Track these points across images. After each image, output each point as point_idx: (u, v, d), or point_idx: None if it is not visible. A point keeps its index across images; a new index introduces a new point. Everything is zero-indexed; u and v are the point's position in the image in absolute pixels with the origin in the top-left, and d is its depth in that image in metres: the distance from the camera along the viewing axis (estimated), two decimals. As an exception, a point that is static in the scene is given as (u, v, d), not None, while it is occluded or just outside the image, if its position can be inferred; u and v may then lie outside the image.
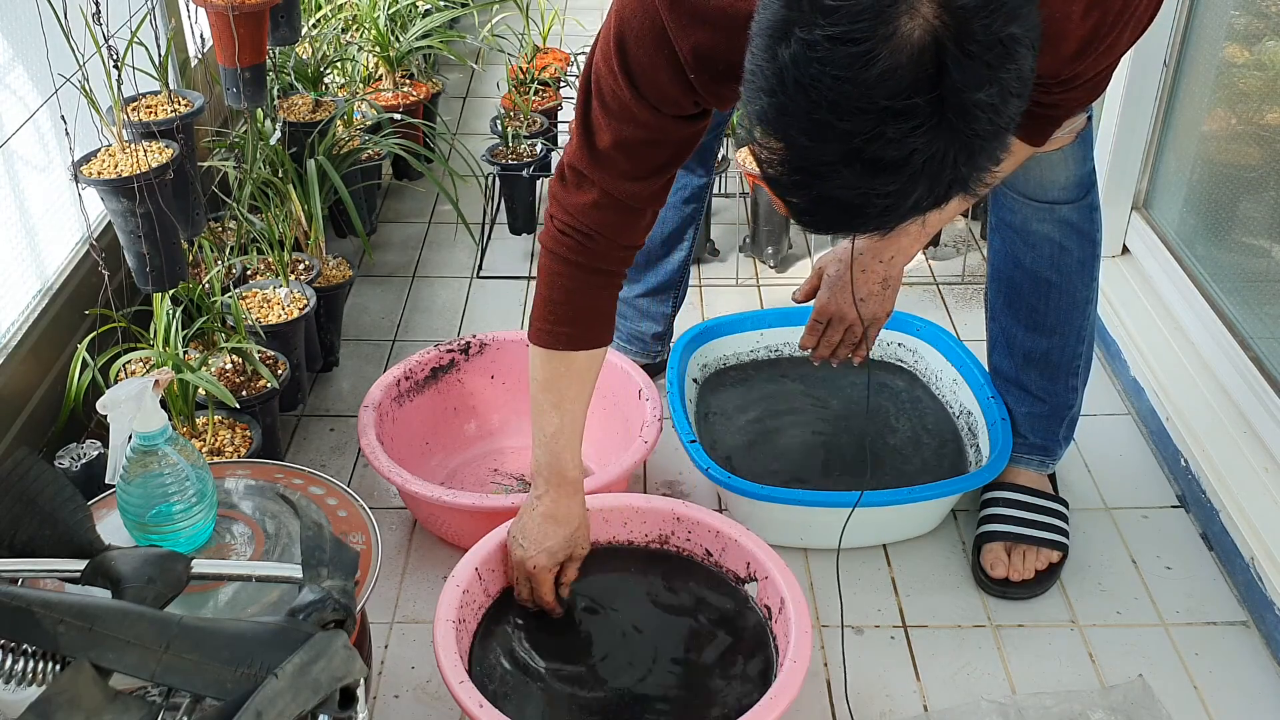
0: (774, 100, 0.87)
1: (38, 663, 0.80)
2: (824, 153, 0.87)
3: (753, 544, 1.52)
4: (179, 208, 1.67)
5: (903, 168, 0.86)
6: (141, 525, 1.18)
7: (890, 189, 0.88)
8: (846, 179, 0.88)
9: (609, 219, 1.32)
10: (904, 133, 0.84)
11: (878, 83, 0.83)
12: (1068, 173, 1.56)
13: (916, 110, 0.84)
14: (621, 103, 1.22)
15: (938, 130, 0.85)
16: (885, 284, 1.51)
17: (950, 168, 0.87)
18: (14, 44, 1.70)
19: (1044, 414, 1.74)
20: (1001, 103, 0.86)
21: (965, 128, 0.85)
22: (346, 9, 2.79)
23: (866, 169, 0.87)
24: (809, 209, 0.94)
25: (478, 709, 1.28)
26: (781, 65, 0.86)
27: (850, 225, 0.96)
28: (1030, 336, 1.70)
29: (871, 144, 0.85)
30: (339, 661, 0.83)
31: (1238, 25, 1.97)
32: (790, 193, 0.93)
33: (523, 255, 2.53)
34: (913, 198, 0.89)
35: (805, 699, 1.50)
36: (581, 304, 1.38)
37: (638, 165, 1.28)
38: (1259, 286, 1.90)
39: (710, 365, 2.01)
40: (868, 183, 0.88)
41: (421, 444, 1.87)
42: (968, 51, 0.83)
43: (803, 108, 0.86)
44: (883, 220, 0.93)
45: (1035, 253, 1.63)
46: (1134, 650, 1.59)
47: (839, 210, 0.92)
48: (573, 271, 1.36)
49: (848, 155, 0.86)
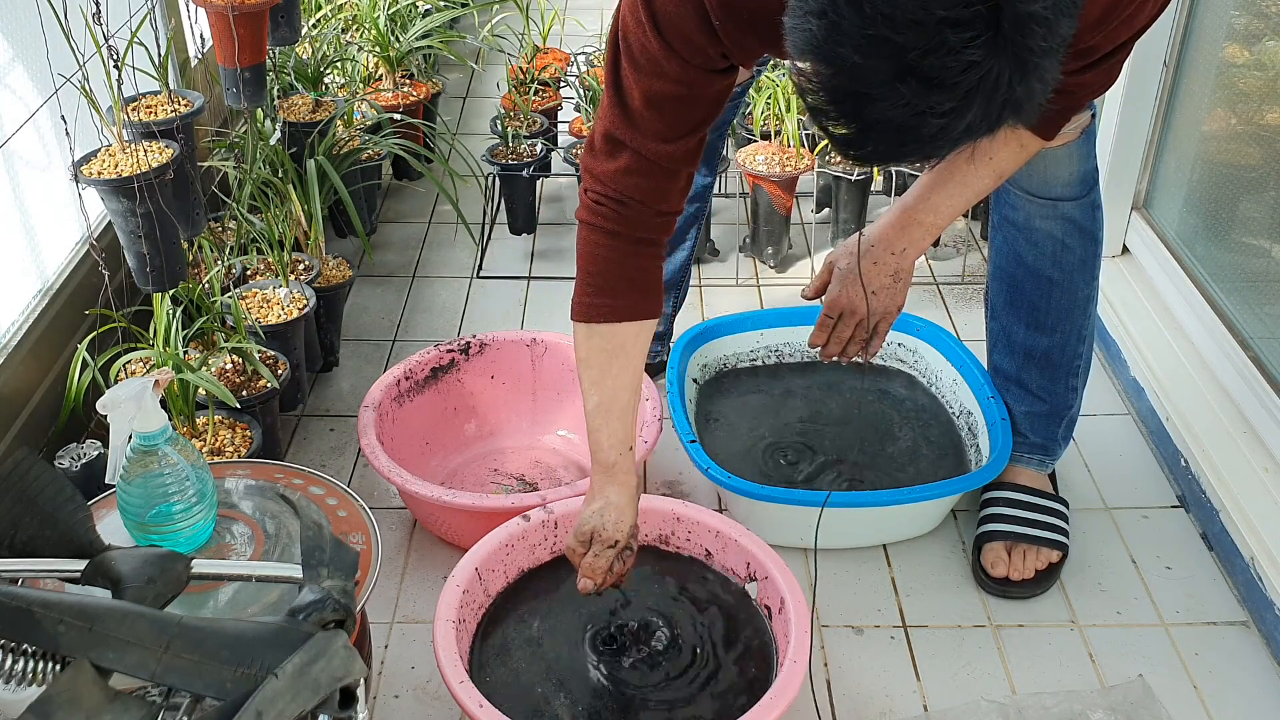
0: (824, 21, 0.86)
1: (38, 663, 0.80)
2: (878, 70, 0.86)
3: (753, 544, 1.52)
4: (179, 208, 1.67)
5: (959, 83, 0.85)
6: (141, 525, 1.18)
7: (946, 107, 0.87)
8: (901, 97, 0.86)
9: (643, 183, 1.30)
10: (961, 44, 0.83)
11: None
12: (1071, 169, 1.56)
13: (974, 20, 0.83)
14: (650, 55, 1.20)
15: (994, 43, 0.84)
16: (896, 277, 1.50)
17: (1005, 87, 0.86)
18: (14, 44, 1.70)
19: (1043, 413, 1.74)
20: (1055, 17, 0.85)
21: (1020, 42, 0.85)
22: (346, 9, 2.79)
23: (922, 85, 0.85)
24: (858, 137, 0.92)
25: (478, 709, 1.28)
26: None
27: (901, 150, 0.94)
28: (1031, 334, 1.70)
29: (928, 57, 0.84)
30: (339, 661, 0.83)
31: (1238, 25, 1.97)
32: (839, 120, 0.91)
33: (523, 255, 2.53)
34: (967, 118, 0.88)
35: (805, 699, 1.50)
36: (621, 273, 1.35)
37: (669, 124, 1.26)
38: (1259, 286, 1.90)
39: (710, 365, 2.01)
40: (923, 100, 0.86)
41: (421, 444, 1.86)
42: None
43: (856, 24, 0.85)
44: (936, 143, 0.91)
45: (1037, 250, 1.63)
46: (1134, 650, 1.59)
47: (891, 134, 0.90)
48: (610, 241, 1.33)
49: (902, 71, 0.85)
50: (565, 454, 1.92)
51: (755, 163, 2.32)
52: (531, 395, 1.96)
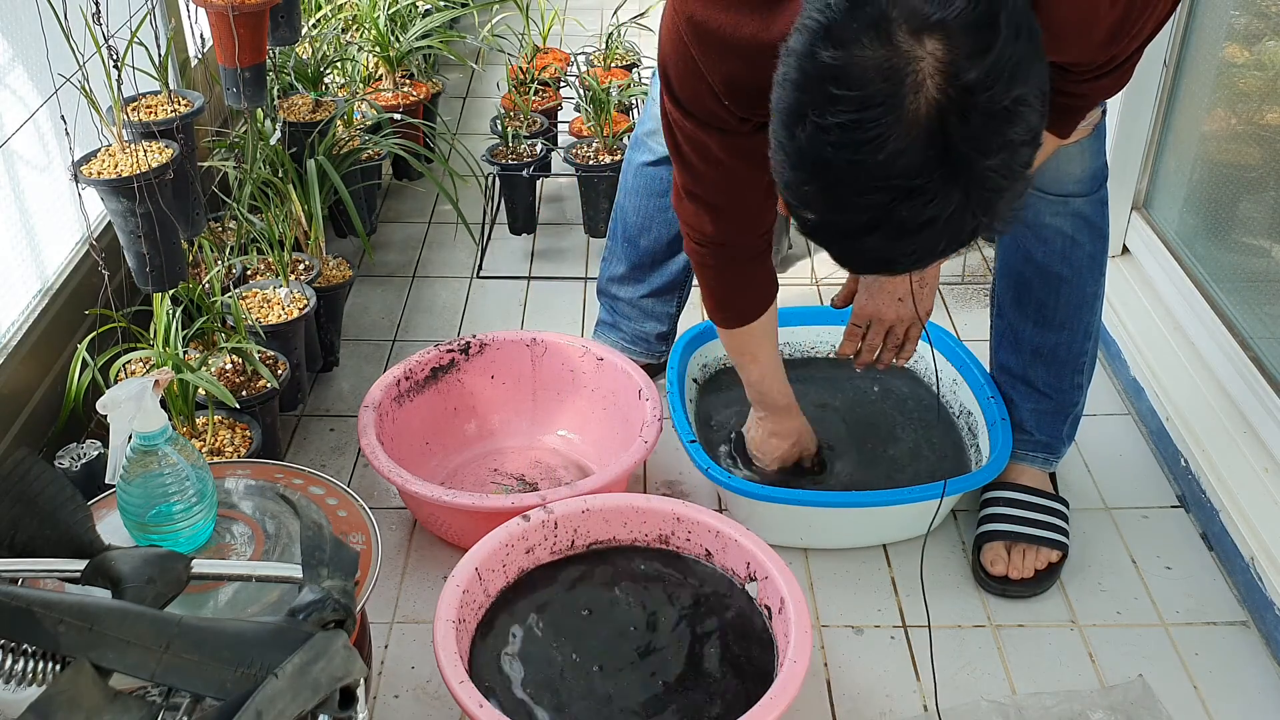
0: (797, 174, 0.93)
1: (38, 663, 0.80)
2: (849, 222, 0.93)
3: (753, 544, 1.52)
4: (179, 208, 1.67)
5: (925, 231, 0.91)
6: (141, 525, 1.18)
7: (915, 247, 0.94)
8: (874, 242, 0.94)
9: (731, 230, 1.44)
10: (921, 205, 0.89)
11: (889, 163, 0.87)
12: (1084, 165, 1.57)
13: (929, 185, 0.88)
14: (686, 133, 1.30)
15: (952, 196, 0.89)
16: (922, 282, 1.53)
17: (971, 219, 0.92)
18: (14, 44, 1.70)
19: (1049, 410, 1.74)
20: (1011, 158, 0.90)
21: (979, 189, 0.90)
22: (346, 9, 2.79)
23: (891, 234, 0.92)
24: (843, 260, 1.03)
25: (478, 709, 1.28)
26: (800, 145, 0.91)
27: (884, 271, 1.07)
28: (1039, 332, 1.69)
29: (893, 214, 0.90)
30: (339, 661, 0.83)
31: (1238, 25, 1.97)
32: (824, 246, 1.01)
33: (523, 255, 2.53)
34: (939, 249, 0.94)
35: (805, 699, 1.50)
36: (737, 286, 1.54)
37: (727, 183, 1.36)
38: (1259, 286, 1.90)
39: (710, 365, 2.00)
40: (893, 245, 0.93)
41: (421, 444, 1.87)
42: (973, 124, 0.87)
43: (823, 184, 0.91)
44: (914, 267, 0.99)
45: (1046, 247, 1.63)
46: (1134, 650, 1.59)
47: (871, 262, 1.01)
48: (719, 268, 1.51)
49: (871, 224, 0.92)
50: (565, 454, 1.92)
51: (755, 163, 2.32)
52: (531, 395, 1.96)
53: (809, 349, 2.04)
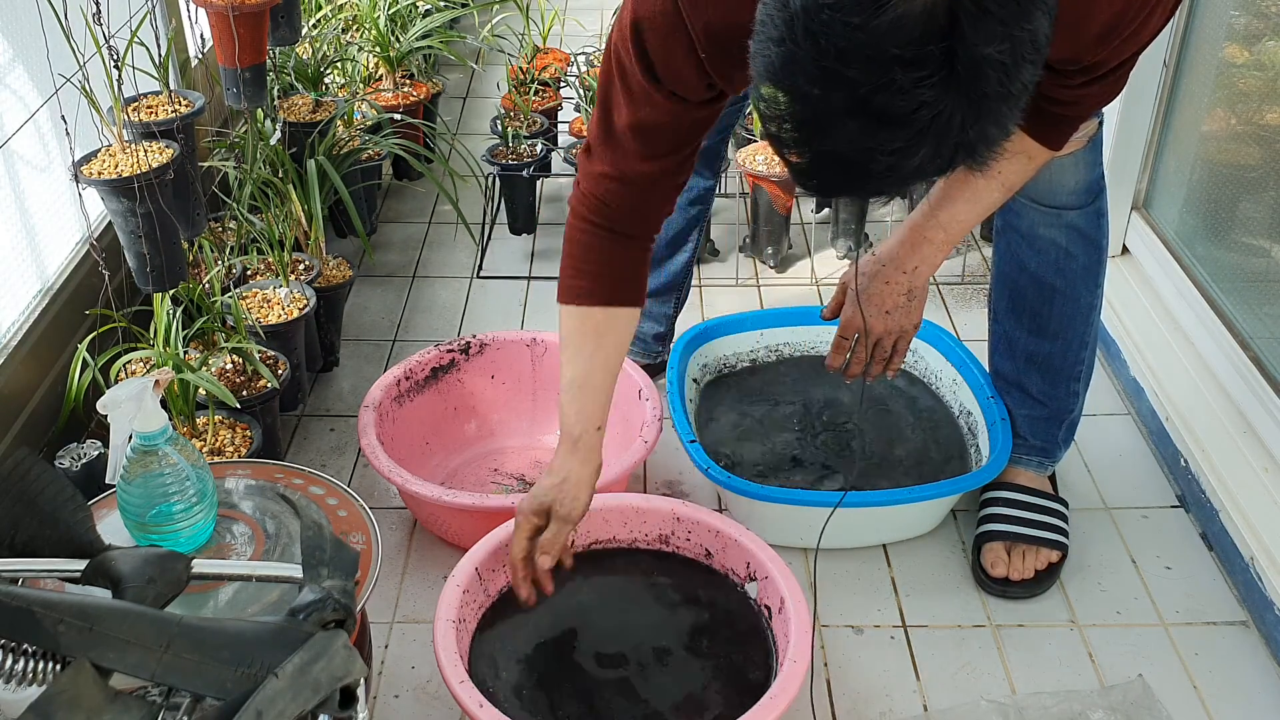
0: (782, 49, 0.87)
1: (38, 663, 0.79)
2: (830, 103, 0.86)
3: (753, 544, 1.52)
4: (179, 208, 1.67)
5: (909, 122, 0.85)
6: (141, 525, 1.19)
7: (895, 145, 0.87)
8: (851, 132, 0.87)
9: (622, 192, 1.34)
10: (912, 83, 0.83)
11: (889, 30, 0.82)
12: (1077, 178, 1.56)
13: (927, 60, 0.83)
14: (640, 85, 1.23)
15: (947, 85, 0.84)
16: (910, 295, 1.48)
17: (957, 129, 0.86)
18: (14, 44, 1.70)
19: (1044, 417, 1.73)
20: (1013, 64, 0.85)
21: (975, 85, 0.84)
22: (346, 9, 2.79)
23: (872, 121, 0.86)
24: (811, 168, 0.94)
25: (478, 709, 1.28)
26: (792, 12, 0.85)
27: (852, 185, 0.96)
28: (1032, 340, 1.69)
29: (878, 94, 0.84)
30: (339, 661, 0.83)
31: (1238, 25, 1.97)
32: (793, 149, 0.92)
33: (523, 255, 2.53)
34: (917, 157, 0.88)
35: (805, 699, 1.50)
36: (599, 259, 1.39)
37: (650, 147, 1.29)
38: (1259, 286, 1.90)
39: (710, 365, 2.01)
40: (872, 137, 0.87)
41: (421, 444, 1.87)
42: (981, 5, 0.82)
43: (811, 55, 0.85)
44: (885, 181, 0.92)
45: (1041, 257, 1.63)
46: (1134, 650, 1.59)
47: (842, 168, 0.92)
48: (593, 230, 1.37)
49: (854, 105, 0.85)
50: (565, 454, 1.92)
51: (755, 163, 2.32)
52: (531, 395, 1.96)
53: (809, 349, 2.04)
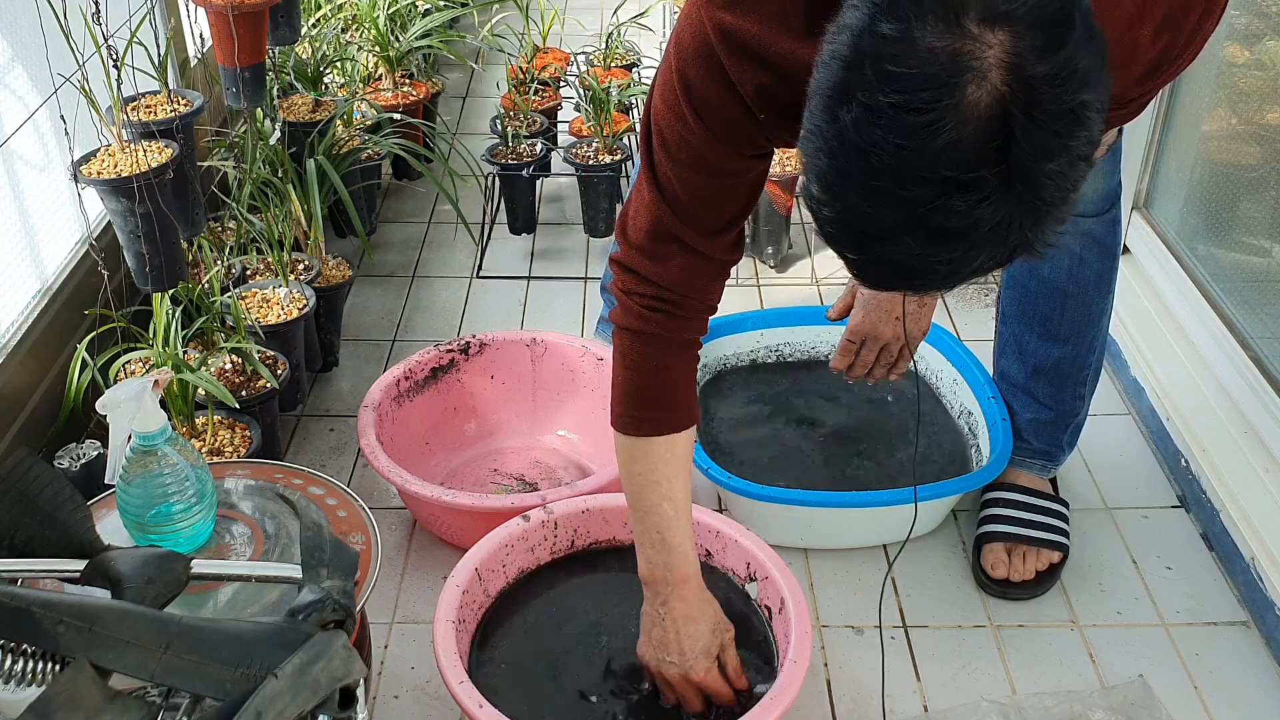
0: (833, 163, 0.85)
1: (37, 663, 0.79)
2: (884, 219, 0.84)
3: (753, 544, 1.52)
4: (178, 208, 1.67)
5: (966, 236, 0.84)
6: (141, 525, 1.18)
7: (953, 256, 0.85)
8: (908, 246, 0.85)
9: (697, 280, 1.25)
10: (969, 204, 0.82)
11: (943, 153, 0.80)
12: (1095, 186, 1.55)
13: (983, 183, 0.81)
14: (690, 146, 1.15)
15: (1003, 200, 0.82)
16: (921, 302, 1.47)
17: (1016, 233, 0.85)
18: (14, 44, 1.70)
19: (1048, 421, 1.73)
20: (1070, 169, 0.83)
21: (1032, 196, 0.83)
22: (346, 9, 2.79)
23: (929, 237, 0.84)
24: (867, 270, 0.91)
25: (478, 709, 1.28)
26: (842, 128, 0.83)
27: (910, 286, 0.94)
28: (1042, 345, 1.68)
29: (935, 214, 0.82)
30: (339, 662, 0.83)
31: (1238, 25, 1.97)
32: (848, 252, 0.90)
33: (522, 255, 2.53)
34: (976, 263, 0.86)
35: (805, 699, 1.50)
36: (673, 381, 1.31)
37: (715, 215, 1.21)
38: (1259, 286, 1.90)
39: (710, 365, 2.00)
40: (929, 250, 0.85)
41: (421, 444, 1.86)
42: (1037, 122, 0.80)
43: (862, 173, 0.83)
44: (945, 283, 0.90)
45: (1053, 263, 1.61)
46: (1134, 650, 1.59)
47: (898, 273, 0.89)
48: (661, 349, 1.29)
49: (909, 223, 0.84)
50: (565, 454, 1.92)
51: (755, 163, 2.32)
52: (531, 395, 1.96)
53: (810, 349, 2.04)
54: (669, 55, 1.14)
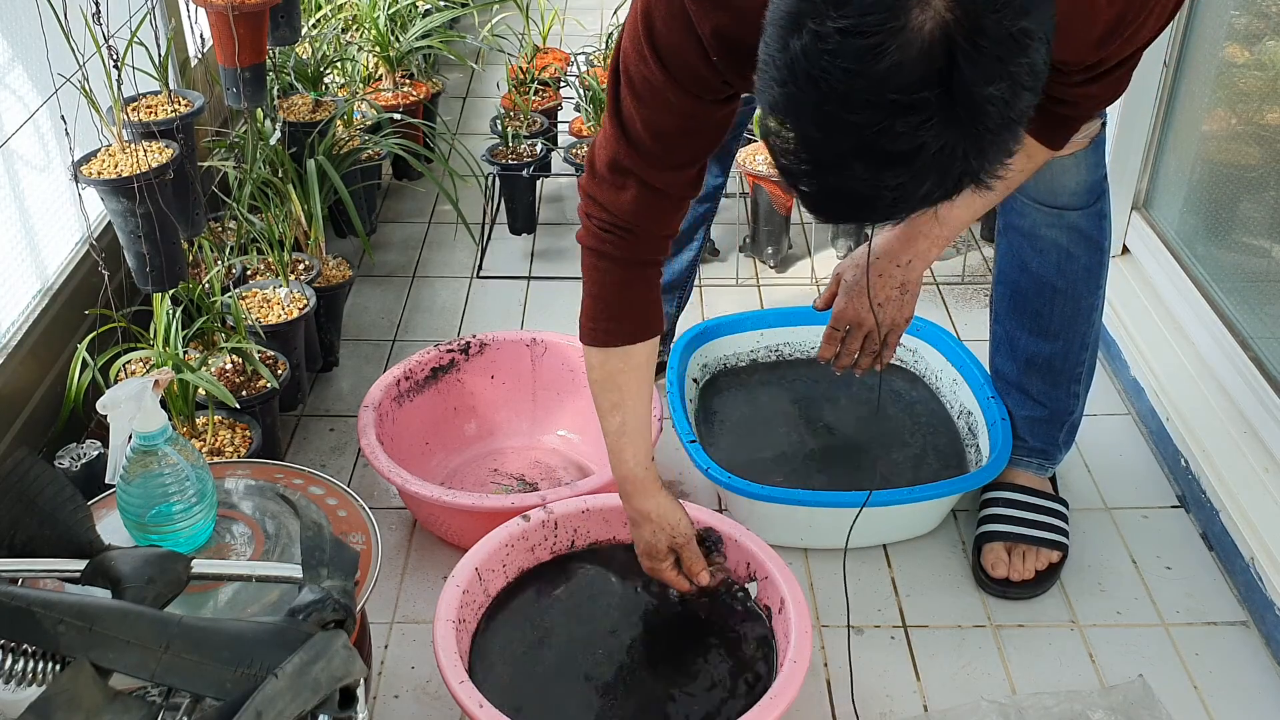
0: (785, 90, 0.88)
1: (38, 663, 0.80)
2: (834, 144, 0.88)
3: (753, 544, 1.52)
4: (179, 208, 1.67)
5: (912, 161, 0.87)
6: (141, 525, 1.18)
7: (899, 181, 0.89)
8: (856, 171, 0.89)
9: (650, 212, 1.33)
10: (913, 126, 0.85)
11: (887, 76, 0.83)
12: (1079, 178, 1.55)
13: (926, 104, 0.84)
14: (653, 87, 1.22)
15: (947, 124, 0.85)
16: (904, 289, 1.49)
17: (960, 160, 0.88)
18: (14, 44, 1.70)
19: (1044, 418, 1.73)
20: (1012, 96, 0.86)
21: (975, 122, 0.86)
22: (346, 9, 2.79)
23: (876, 161, 0.87)
24: (819, 200, 0.95)
25: (478, 709, 1.28)
26: (793, 56, 0.86)
27: (859, 216, 0.98)
28: (1033, 341, 1.69)
29: (881, 137, 0.86)
30: (339, 661, 0.83)
31: (1238, 25, 1.97)
32: (801, 182, 0.94)
33: (522, 255, 2.53)
34: (922, 190, 0.90)
35: (805, 699, 1.50)
36: (631, 297, 1.40)
37: (673, 153, 1.29)
38: (1259, 286, 1.90)
39: (710, 365, 2.01)
40: (876, 175, 0.88)
41: (421, 444, 1.87)
42: (978, 46, 0.83)
43: (812, 99, 0.86)
44: (892, 211, 0.94)
45: (1042, 258, 1.63)
46: (1134, 650, 1.59)
47: (848, 201, 0.94)
48: (617, 267, 1.38)
49: (857, 148, 0.87)
50: (565, 454, 1.92)
51: (755, 163, 2.32)
52: (531, 395, 1.96)
53: (809, 349, 2.04)
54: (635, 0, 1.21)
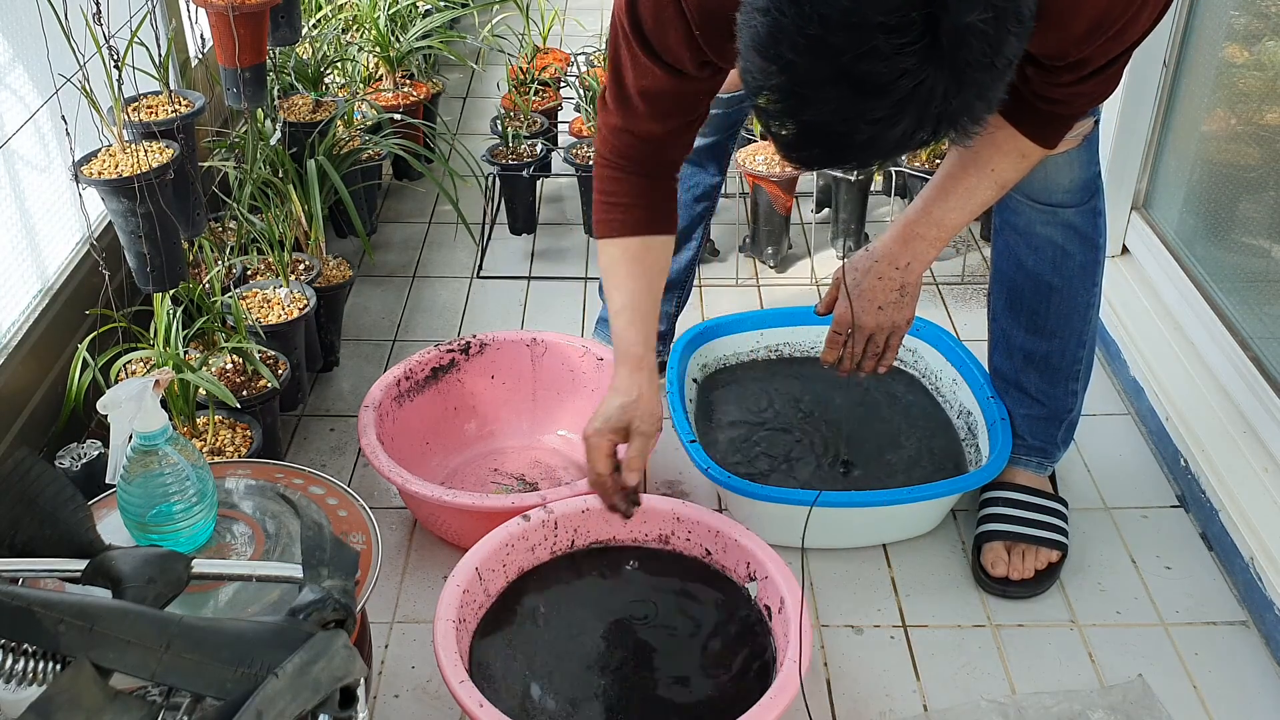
0: (768, 19, 0.89)
1: (38, 662, 0.80)
2: (814, 71, 0.88)
3: (753, 544, 1.52)
4: (179, 208, 1.67)
5: (890, 90, 0.87)
6: (142, 525, 1.19)
7: (877, 114, 0.89)
8: (834, 101, 0.89)
9: (636, 145, 1.41)
10: (894, 49, 0.85)
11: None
12: (1073, 176, 1.56)
13: (909, 26, 0.84)
14: (640, 57, 1.28)
15: (929, 53, 0.85)
16: (903, 291, 1.49)
17: (939, 98, 0.88)
18: (14, 44, 1.70)
19: (1042, 416, 1.74)
20: (996, 34, 0.86)
21: (957, 54, 0.86)
22: (347, 9, 2.79)
23: (854, 89, 0.88)
24: (797, 140, 0.96)
25: (478, 709, 1.28)
26: None
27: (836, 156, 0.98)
28: (1030, 339, 1.70)
29: (861, 61, 0.86)
30: (339, 661, 0.83)
31: (1238, 25, 1.97)
32: (779, 120, 0.94)
33: (523, 255, 2.53)
34: (899, 128, 0.90)
35: (805, 699, 1.50)
36: (630, 193, 1.44)
37: (658, 112, 1.35)
38: (1259, 286, 1.90)
39: (710, 365, 2.01)
40: (854, 106, 0.89)
41: (421, 444, 1.87)
42: None
43: (795, 23, 0.87)
44: (868, 151, 0.94)
45: (1037, 255, 1.63)
46: (1134, 650, 1.59)
47: (825, 139, 0.94)
48: (618, 171, 1.44)
49: (836, 74, 0.87)
50: (565, 454, 1.92)
51: (755, 163, 2.32)
52: (531, 395, 1.96)
53: (809, 349, 2.04)
54: None
